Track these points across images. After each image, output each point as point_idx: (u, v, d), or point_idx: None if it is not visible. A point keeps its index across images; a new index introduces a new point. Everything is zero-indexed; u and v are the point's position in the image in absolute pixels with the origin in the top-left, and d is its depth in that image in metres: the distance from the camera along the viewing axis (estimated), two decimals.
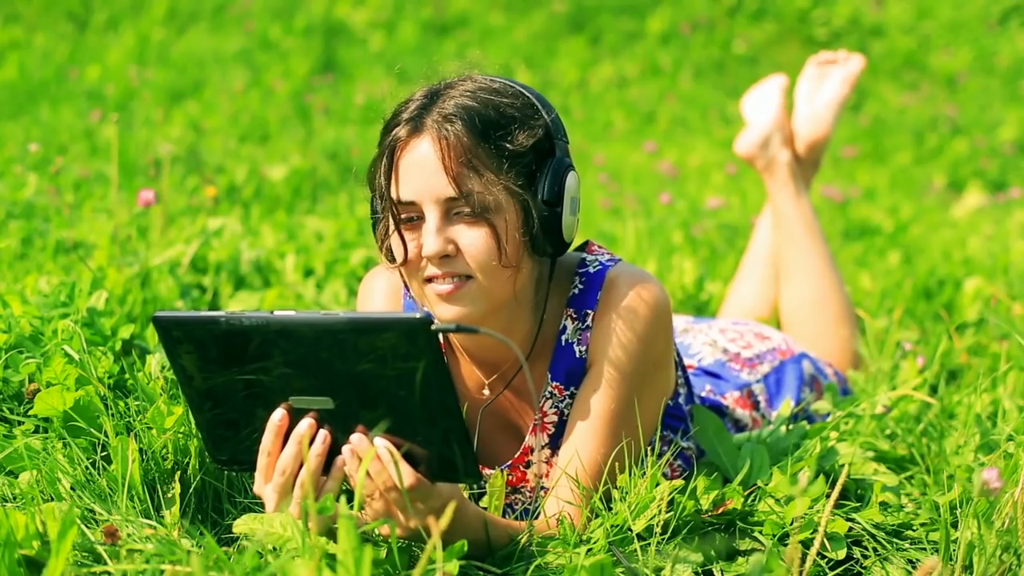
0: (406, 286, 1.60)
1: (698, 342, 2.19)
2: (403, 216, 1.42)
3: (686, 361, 2.10)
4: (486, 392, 1.59)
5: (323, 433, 1.22)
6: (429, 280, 1.42)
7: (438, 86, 1.45)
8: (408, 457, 1.21)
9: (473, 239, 1.38)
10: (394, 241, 1.43)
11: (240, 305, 2.66)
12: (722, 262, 3.76)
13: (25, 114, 6.14)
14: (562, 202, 1.42)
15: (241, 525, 1.26)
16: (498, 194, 1.38)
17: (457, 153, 1.37)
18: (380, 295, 1.63)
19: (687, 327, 2.30)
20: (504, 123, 1.40)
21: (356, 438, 1.20)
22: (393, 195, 1.42)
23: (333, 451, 1.23)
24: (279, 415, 1.22)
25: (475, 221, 1.38)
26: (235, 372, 1.19)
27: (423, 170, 1.38)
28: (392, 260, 1.46)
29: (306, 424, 1.21)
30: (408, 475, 1.20)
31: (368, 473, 1.20)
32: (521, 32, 9.49)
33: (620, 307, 1.48)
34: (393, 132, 1.42)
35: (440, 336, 1.45)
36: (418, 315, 1.10)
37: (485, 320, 1.43)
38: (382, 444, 1.19)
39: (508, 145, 1.39)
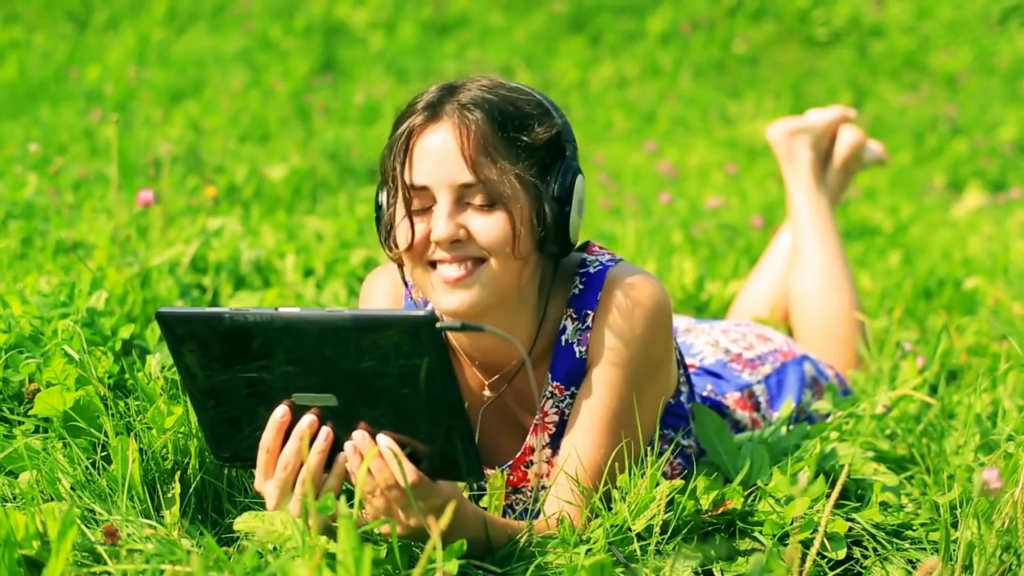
0: (406, 284, 1.60)
1: (700, 342, 2.20)
2: (414, 201, 1.42)
3: (688, 360, 2.11)
4: (486, 393, 1.59)
5: (325, 430, 1.22)
6: (435, 265, 1.42)
7: (453, 82, 1.46)
8: (410, 455, 1.21)
9: (486, 224, 1.39)
10: (402, 225, 1.43)
11: (241, 304, 2.66)
12: (722, 262, 3.76)
13: (25, 114, 6.14)
14: (571, 202, 1.43)
15: (241, 523, 1.27)
16: (513, 183, 1.39)
17: (476, 139, 1.38)
18: (382, 294, 1.63)
19: (689, 327, 2.31)
20: (521, 117, 1.42)
21: (358, 435, 1.20)
22: (406, 179, 1.42)
23: (334, 448, 1.23)
24: (281, 411, 1.22)
25: (488, 209, 1.39)
26: (238, 369, 1.19)
27: (439, 155, 1.39)
28: (395, 247, 1.46)
29: (307, 421, 1.21)
30: (410, 473, 1.20)
31: (369, 470, 1.20)
32: (521, 32, 9.49)
33: (620, 307, 1.48)
34: (409, 120, 1.43)
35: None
36: (422, 313, 1.10)
37: (486, 317, 1.44)
38: (385, 442, 1.19)
39: (525, 137, 1.41)
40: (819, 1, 10.22)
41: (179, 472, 1.48)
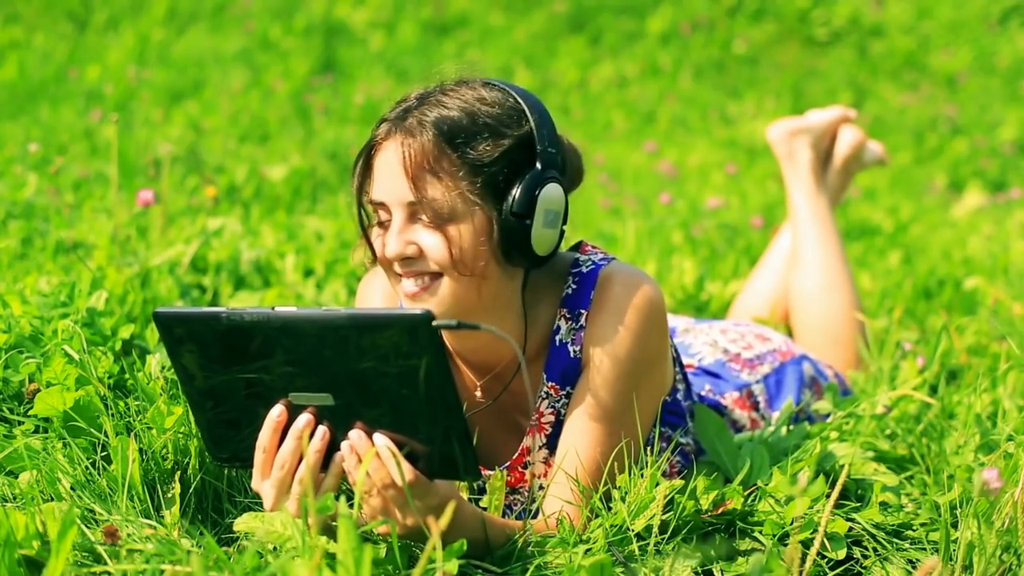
0: None
1: (699, 342, 2.20)
2: (377, 215, 1.44)
3: (686, 360, 2.11)
4: (477, 394, 1.60)
5: (322, 429, 1.22)
6: (400, 279, 1.44)
7: (431, 89, 1.46)
8: (407, 455, 1.21)
9: (433, 242, 1.39)
10: (367, 240, 1.46)
11: (240, 304, 2.66)
12: (722, 262, 3.76)
13: (25, 114, 6.14)
14: (533, 214, 1.41)
15: (241, 523, 1.27)
16: (456, 201, 1.38)
17: (419, 159, 1.37)
18: (379, 294, 1.64)
19: (688, 327, 2.31)
20: (475, 132, 1.40)
21: (355, 435, 1.21)
22: (366, 194, 1.43)
23: (331, 448, 1.23)
24: (277, 411, 1.22)
25: (436, 226, 1.39)
26: (237, 370, 1.19)
27: (389, 173, 1.40)
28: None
29: (304, 419, 1.22)
30: (407, 472, 1.20)
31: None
32: (521, 32, 9.49)
33: (613, 305, 1.48)
34: (374, 132, 1.44)
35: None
36: (419, 311, 1.10)
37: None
38: (382, 441, 1.19)
39: (472, 153, 1.39)
40: (819, 1, 10.22)
41: (179, 472, 1.48)
